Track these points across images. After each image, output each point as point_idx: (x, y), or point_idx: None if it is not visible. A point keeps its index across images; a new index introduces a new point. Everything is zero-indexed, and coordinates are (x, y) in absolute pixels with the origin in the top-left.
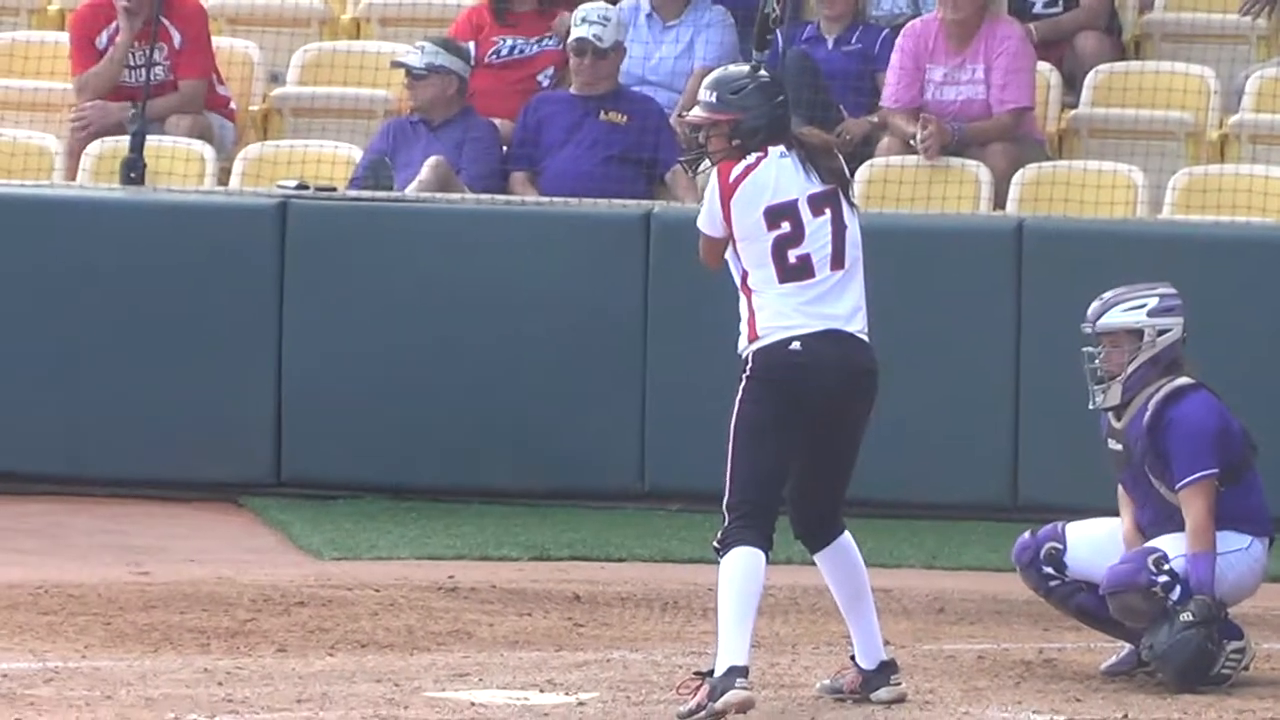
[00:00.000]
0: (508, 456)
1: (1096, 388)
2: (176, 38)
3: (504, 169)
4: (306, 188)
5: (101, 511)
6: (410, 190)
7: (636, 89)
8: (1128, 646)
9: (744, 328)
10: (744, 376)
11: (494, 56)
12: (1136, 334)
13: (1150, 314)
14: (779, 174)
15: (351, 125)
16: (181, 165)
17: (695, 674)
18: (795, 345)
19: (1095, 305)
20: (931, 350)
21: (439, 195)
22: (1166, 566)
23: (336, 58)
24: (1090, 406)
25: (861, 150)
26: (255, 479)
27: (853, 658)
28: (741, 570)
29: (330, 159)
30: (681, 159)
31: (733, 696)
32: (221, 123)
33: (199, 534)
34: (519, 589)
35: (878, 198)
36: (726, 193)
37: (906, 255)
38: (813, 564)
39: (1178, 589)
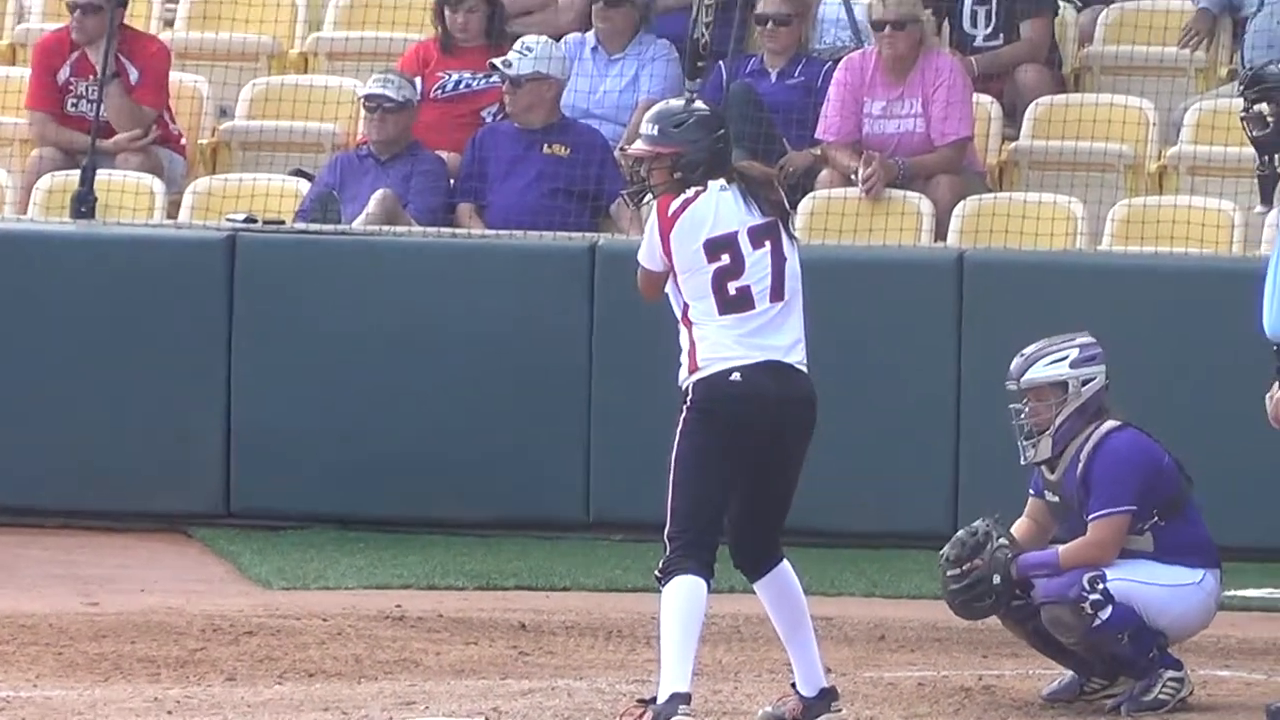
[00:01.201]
0: (454, 487)
1: (1026, 443)
2: (133, 74)
3: (450, 202)
4: (255, 221)
5: (52, 543)
6: (358, 223)
7: (582, 121)
8: (1070, 673)
9: (684, 359)
10: (685, 407)
11: (439, 91)
12: (1061, 386)
13: (1073, 365)
14: (719, 207)
15: (300, 159)
16: (131, 199)
17: (639, 701)
18: (735, 376)
19: (1018, 362)
20: (873, 381)
21: (386, 228)
22: (1101, 586)
23: (285, 92)
24: (1022, 462)
25: (803, 182)
26: (205, 510)
27: (794, 685)
28: (683, 598)
29: (279, 192)
30: (624, 192)
31: None
32: (171, 157)
33: (149, 564)
34: (465, 618)
35: (820, 229)
36: (666, 226)
37: (848, 287)
38: (754, 592)
39: (1109, 609)
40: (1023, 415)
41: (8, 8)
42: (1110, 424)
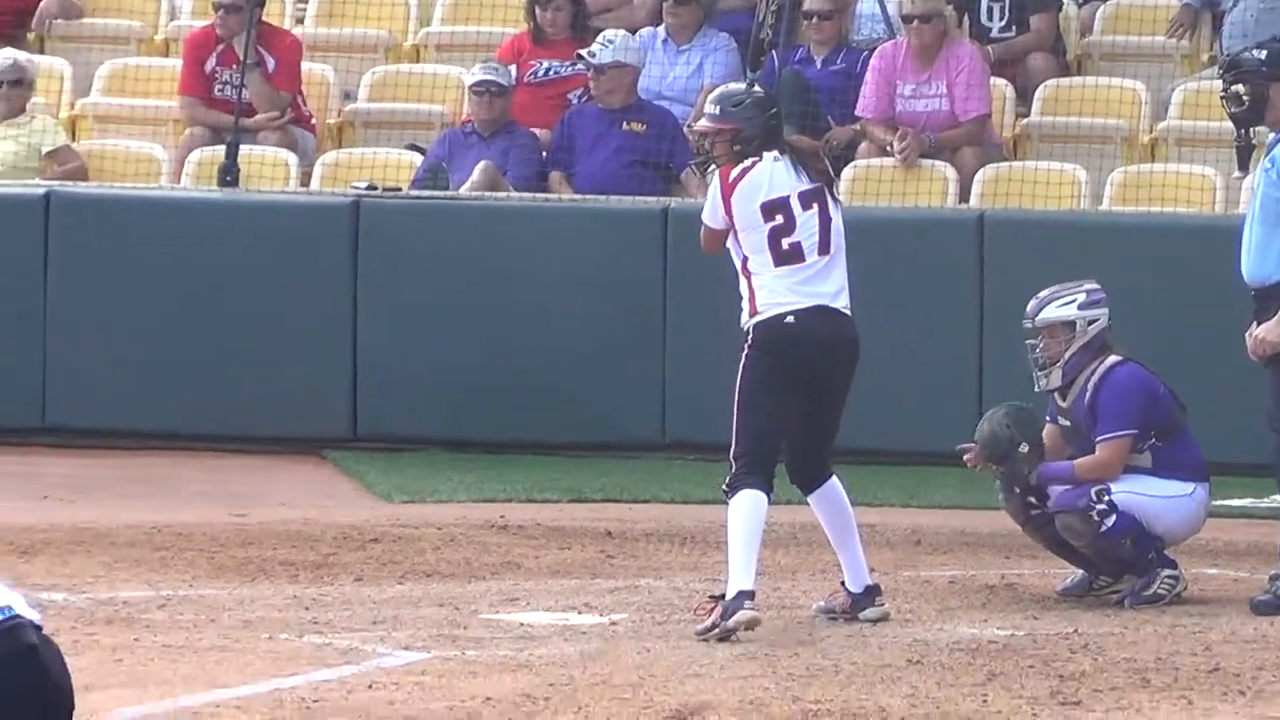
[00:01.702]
0: (550, 414)
1: (1040, 373)
2: (270, 63)
3: (543, 172)
4: (375, 188)
5: (204, 464)
6: (464, 190)
7: (656, 103)
8: (1081, 572)
9: (745, 305)
10: (746, 346)
11: (532, 77)
12: (1070, 325)
13: (1080, 307)
14: (773, 174)
15: (413, 135)
16: (270, 170)
17: (710, 597)
18: (790, 319)
19: (1032, 304)
20: (908, 322)
21: (488, 194)
22: (1107, 498)
23: (400, 78)
24: (1036, 389)
25: (846, 153)
26: (335, 435)
27: (843, 583)
28: (747, 509)
29: (396, 164)
30: (692, 162)
31: (742, 615)
32: (303, 134)
33: (288, 482)
34: (559, 526)
35: (860, 194)
36: (727, 190)
37: (885, 243)
38: (807, 504)
39: (1113, 516)
40: (1037, 350)
41: (161, 6)
42: (1113, 359)
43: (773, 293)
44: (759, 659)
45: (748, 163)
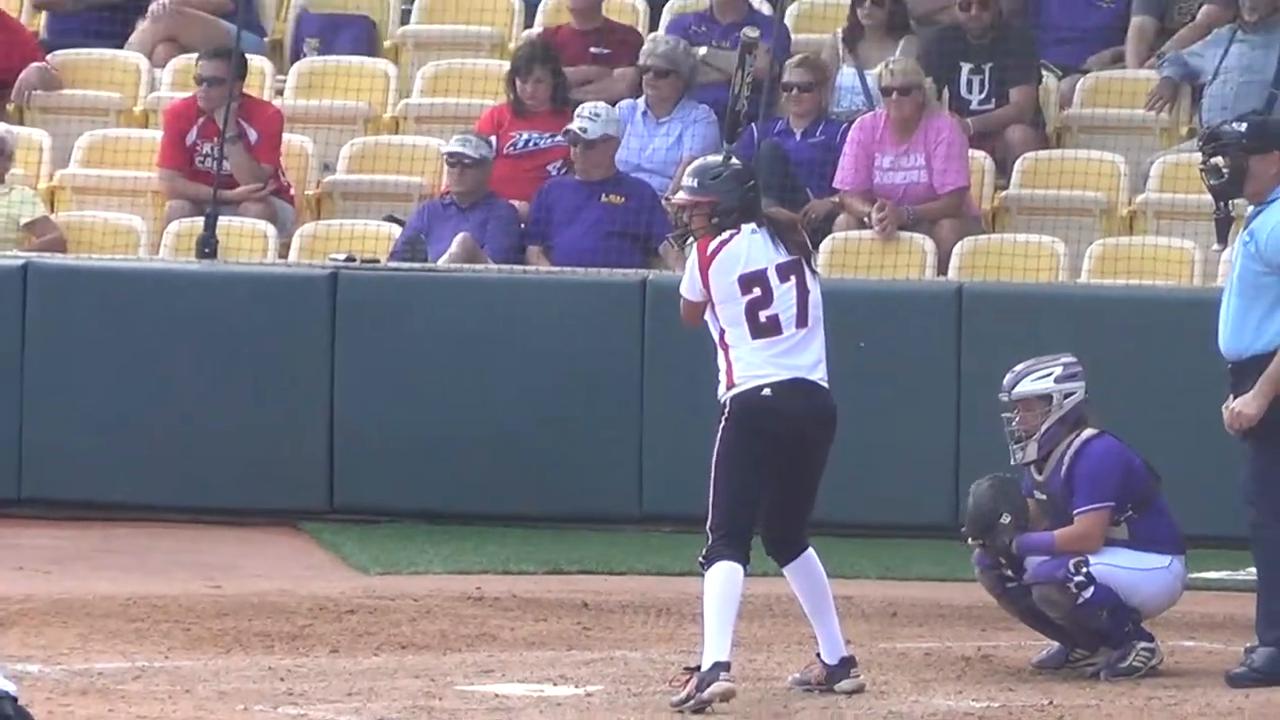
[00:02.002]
0: (526, 486)
1: (1015, 446)
2: (252, 135)
3: (522, 244)
4: (354, 260)
5: (181, 535)
6: (442, 262)
7: (634, 175)
8: (1057, 645)
9: (722, 377)
10: (723, 418)
11: (511, 148)
12: (1046, 399)
13: (1057, 380)
14: (750, 247)
15: (392, 207)
16: (248, 241)
17: (685, 669)
18: (766, 391)
19: (1009, 377)
20: (885, 394)
21: (466, 266)
22: (1085, 569)
23: (379, 150)
24: (1012, 463)
25: (824, 226)
26: (312, 507)
27: (818, 654)
28: (723, 581)
29: (374, 235)
30: (670, 235)
31: (717, 687)
32: (282, 205)
33: (264, 554)
34: (536, 598)
35: (839, 265)
36: (705, 263)
37: (863, 315)
38: (783, 576)
39: (1091, 589)
40: (1013, 423)
41: (140, 78)
42: (1089, 432)
43: (750, 365)
44: None
45: (725, 235)
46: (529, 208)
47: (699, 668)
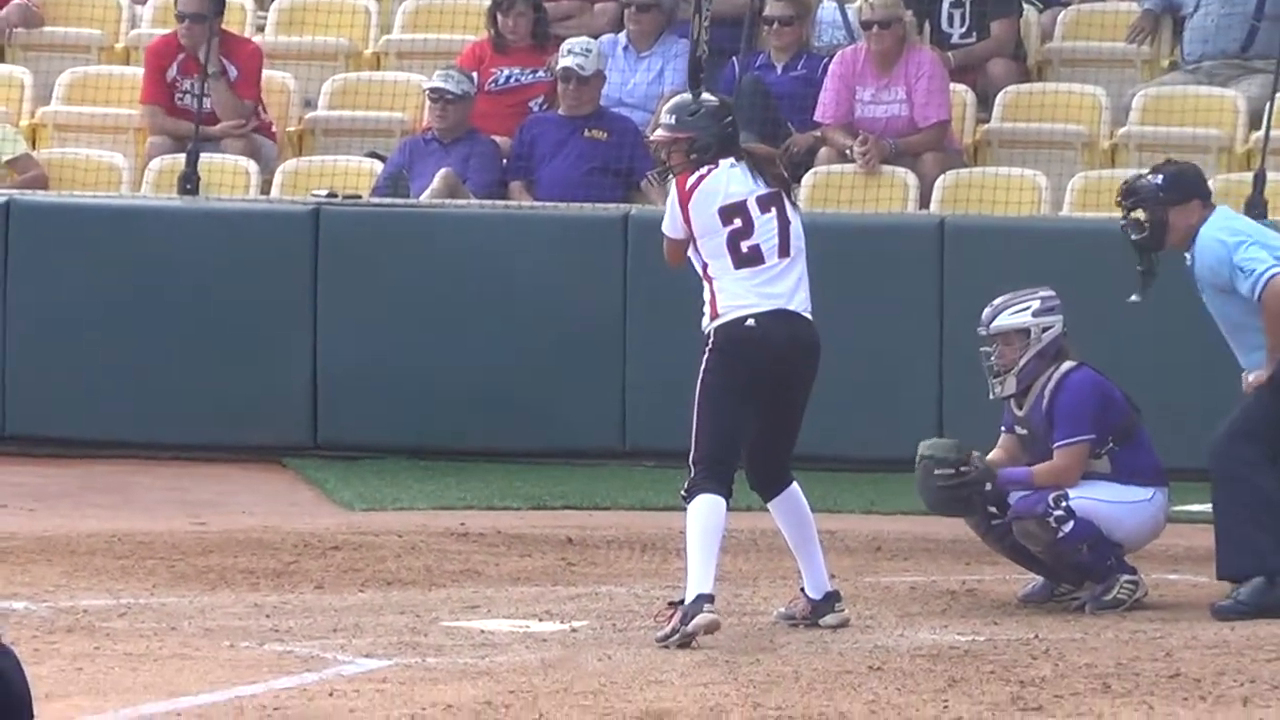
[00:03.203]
0: (510, 422)
1: (994, 380)
2: (232, 71)
3: (504, 179)
4: (336, 196)
5: (165, 472)
6: (424, 197)
7: (615, 110)
8: (1042, 579)
9: (706, 309)
10: (706, 349)
11: (493, 84)
12: (1024, 333)
13: (1034, 314)
14: (729, 180)
15: (374, 143)
16: (230, 178)
17: (669, 603)
18: (750, 322)
19: (987, 311)
20: (869, 328)
21: (449, 201)
22: (1064, 504)
23: (360, 86)
24: (990, 397)
25: (806, 160)
26: (296, 443)
27: (803, 589)
28: (705, 513)
29: (356, 171)
30: (650, 172)
31: (701, 620)
32: (264, 142)
33: (248, 490)
34: (520, 534)
35: (821, 200)
36: (684, 199)
37: (846, 248)
38: (768, 510)
39: (1071, 523)
40: (992, 357)
41: (121, 15)
42: (1068, 364)
43: (733, 295)
44: (720, 665)
45: (704, 170)
46: (511, 143)
47: (682, 602)
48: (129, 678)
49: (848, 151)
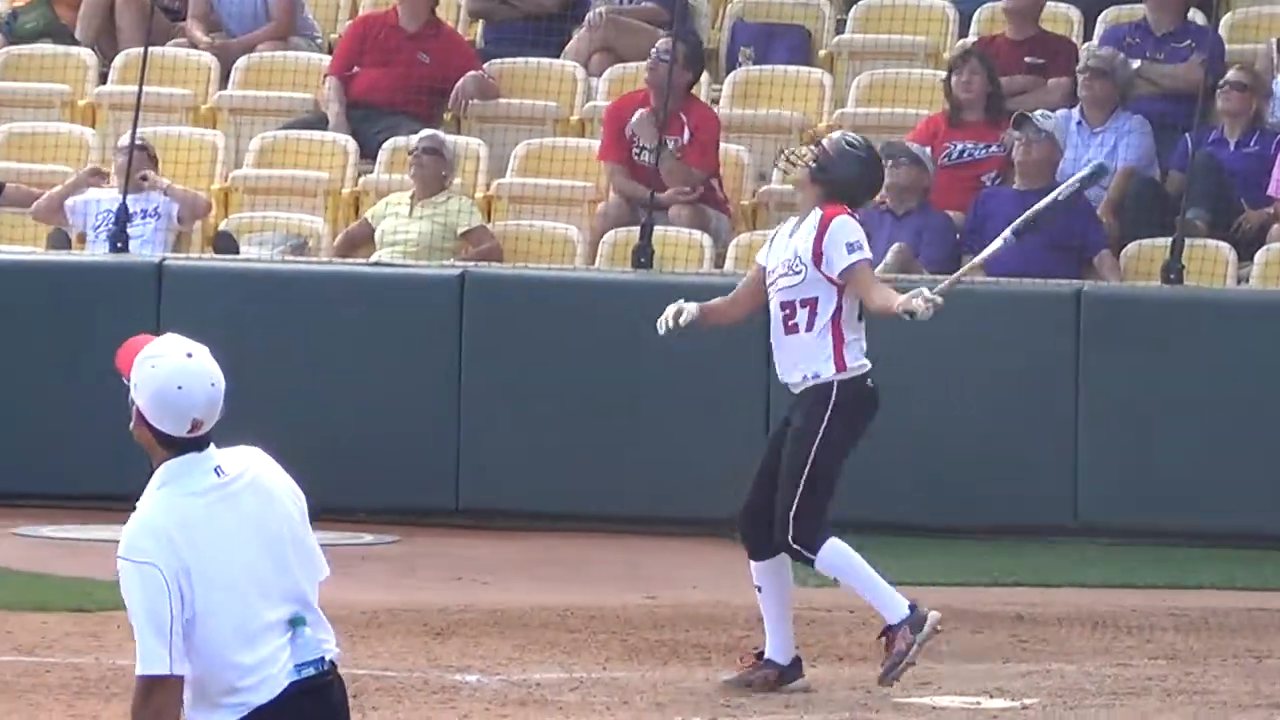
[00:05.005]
0: (962, 497)
1: None
2: (687, 134)
3: (956, 253)
4: None
5: (616, 545)
6: (877, 271)
7: None
8: None
9: (830, 361)
10: (831, 404)
11: (945, 158)
12: None
13: None
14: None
15: None
16: (684, 251)
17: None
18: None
19: None
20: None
21: (901, 275)
22: None
23: None
24: None
25: (1258, 236)
26: None
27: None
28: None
29: None
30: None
31: (932, 616)
32: (718, 215)
33: (698, 564)
34: (971, 609)
35: (1274, 278)
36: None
37: None
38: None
39: None
40: None
41: (577, 87)
42: None
43: (859, 351)
44: None
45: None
46: (964, 218)
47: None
48: None
49: None
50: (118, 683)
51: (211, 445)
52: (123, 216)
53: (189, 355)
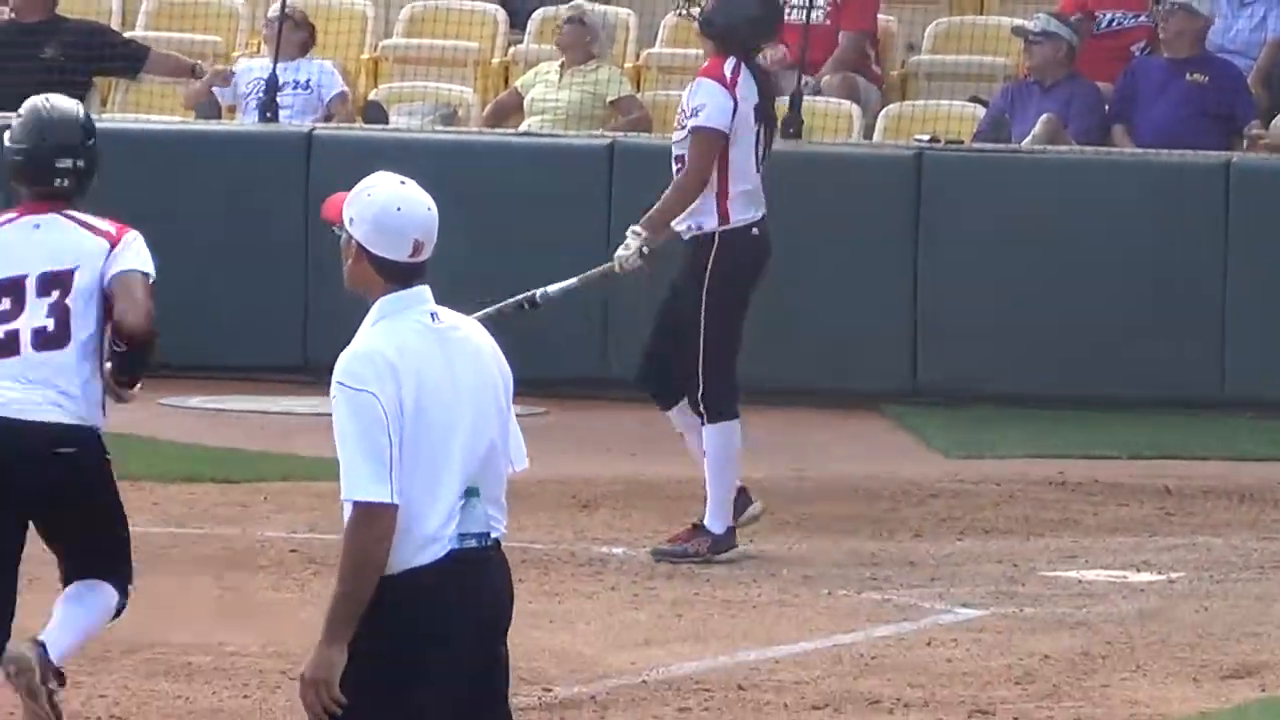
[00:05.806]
0: (1108, 370)
1: None
2: None
3: (1105, 124)
4: (938, 141)
5: (766, 418)
6: (1025, 143)
7: (1219, 55)
8: None
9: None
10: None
11: (1095, 29)
12: None
13: None
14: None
15: (976, 87)
16: (833, 122)
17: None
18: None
19: None
20: None
21: (1050, 147)
22: None
23: (963, 30)
24: None
25: None
26: (895, 389)
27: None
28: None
29: (958, 116)
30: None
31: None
32: (866, 85)
33: (848, 437)
34: (1118, 483)
35: None
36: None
37: None
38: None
39: None
40: None
41: None
42: None
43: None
44: None
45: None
46: (1113, 88)
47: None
48: (727, 624)
49: None
50: (265, 554)
51: (427, 288)
52: (273, 86)
53: (402, 183)
